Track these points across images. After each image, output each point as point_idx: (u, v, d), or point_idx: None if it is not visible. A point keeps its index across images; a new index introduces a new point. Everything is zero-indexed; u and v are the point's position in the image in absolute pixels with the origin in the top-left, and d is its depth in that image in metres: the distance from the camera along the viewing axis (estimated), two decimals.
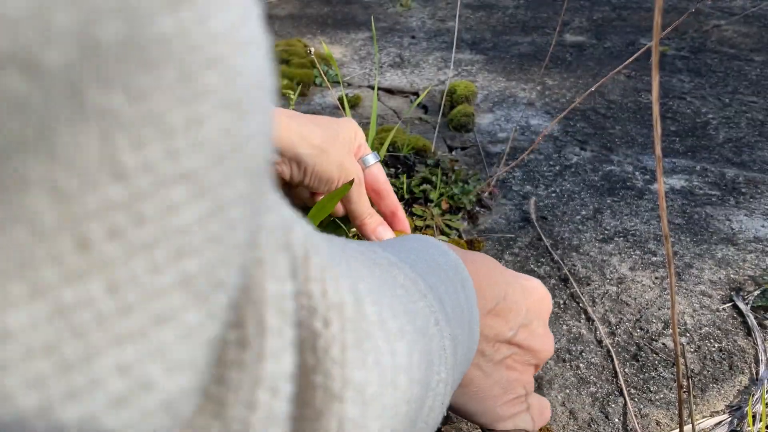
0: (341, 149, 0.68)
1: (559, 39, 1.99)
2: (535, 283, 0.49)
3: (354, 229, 0.85)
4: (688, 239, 0.98)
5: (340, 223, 0.84)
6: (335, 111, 1.49)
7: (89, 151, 0.11)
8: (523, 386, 0.47)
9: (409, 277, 0.31)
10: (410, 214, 1.00)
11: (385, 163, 1.16)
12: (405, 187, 1.04)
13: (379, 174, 0.78)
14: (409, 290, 0.30)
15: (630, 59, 0.90)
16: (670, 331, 0.79)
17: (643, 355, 0.75)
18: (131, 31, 0.11)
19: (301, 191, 0.75)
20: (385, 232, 0.76)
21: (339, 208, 0.76)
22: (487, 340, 0.42)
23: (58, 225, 0.11)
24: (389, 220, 0.83)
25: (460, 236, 0.99)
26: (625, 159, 1.24)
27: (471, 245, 0.95)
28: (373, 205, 0.82)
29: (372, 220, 0.76)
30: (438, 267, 0.36)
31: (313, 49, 1.06)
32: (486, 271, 0.43)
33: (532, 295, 0.47)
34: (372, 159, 0.77)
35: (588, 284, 0.88)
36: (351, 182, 0.82)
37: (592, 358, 0.75)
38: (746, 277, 0.88)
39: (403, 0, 2.48)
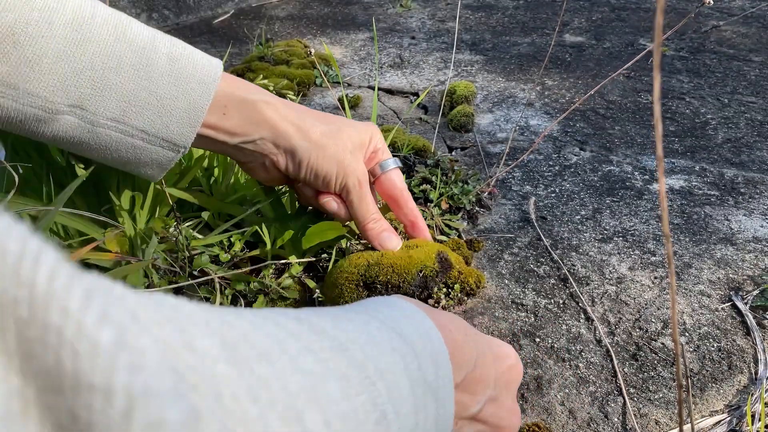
0: (342, 147, 0.66)
1: (558, 39, 1.99)
2: (507, 349, 0.45)
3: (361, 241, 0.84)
4: (687, 239, 0.98)
5: (349, 234, 0.82)
6: (335, 111, 1.50)
7: None
8: None
9: (354, 363, 0.27)
10: None
11: None
12: None
13: (397, 180, 0.75)
14: (351, 380, 0.26)
15: (631, 62, 0.91)
16: (670, 330, 0.80)
17: (643, 354, 0.75)
18: None
19: (304, 189, 0.74)
20: (390, 240, 0.73)
21: (343, 213, 0.73)
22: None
23: None
24: (408, 229, 0.80)
25: (459, 236, 0.99)
26: (625, 159, 1.24)
27: (471, 245, 0.95)
28: (389, 212, 0.80)
29: (375, 226, 0.73)
30: (401, 342, 0.31)
31: (313, 50, 1.06)
32: (458, 337, 0.39)
33: (503, 364, 0.43)
34: (391, 164, 0.74)
35: (587, 284, 0.88)
36: (349, 231, 0.80)
37: (592, 357, 0.75)
38: (745, 277, 0.89)
39: (403, 1, 2.48)
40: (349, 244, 0.85)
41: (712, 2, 0.74)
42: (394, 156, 0.77)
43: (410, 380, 0.30)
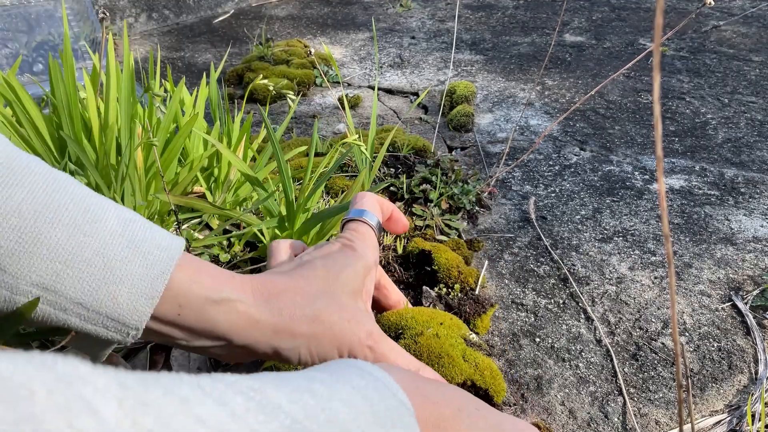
0: (339, 317, 0.50)
1: (558, 39, 1.99)
2: (526, 428, 0.40)
3: None
4: (688, 239, 0.98)
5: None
6: (335, 111, 1.50)
7: None
8: None
9: None
10: (410, 214, 1.01)
11: (384, 163, 1.17)
12: (405, 187, 1.04)
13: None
14: None
15: (631, 62, 0.91)
16: (670, 330, 0.80)
17: (643, 354, 0.75)
18: None
19: None
20: None
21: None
22: None
23: None
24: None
25: (459, 236, 0.99)
26: (625, 159, 1.24)
27: (471, 245, 0.95)
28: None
29: None
30: (368, 417, 0.29)
31: (313, 50, 1.06)
32: (445, 411, 0.36)
33: None
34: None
35: (587, 284, 0.88)
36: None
37: (592, 357, 0.75)
38: (745, 277, 0.89)
39: (403, 1, 2.48)
40: None
41: (713, 2, 0.74)
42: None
43: None
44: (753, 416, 0.66)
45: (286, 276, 0.50)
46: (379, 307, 0.68)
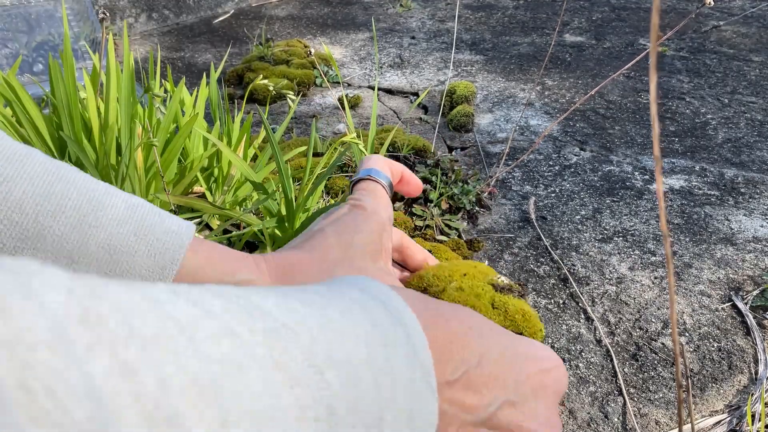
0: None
1: (558, 39, 1.99)
2: (542, 351, 0.38)
3: None
4: (688, 239, 0.98)
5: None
6: (335, 111, 1.50)
7: None
8: None
9: (296, 349, 0.24)
10: (410, 214, 1.01)
11: None
12: None
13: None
14: (286, 370, 0.22)
15: (632, 62, 0.91)
16: (670, 330, 0.80)
17: (643, 354, 0.75)
18: None
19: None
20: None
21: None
22: (448, 421, 0.33)
23: None
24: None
25: (459, 236, 0.99)
26: (625, 159, 1.24)
27: (471, 245, 0.95)
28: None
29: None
30: (367, 326, 0.27)
31: (313, 50, 1.06)
32: (456, 328, 0.34)
33: (532, 366, 0.36)
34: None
35: (587, 284, 0.88)
36: None
37: (592, 357, 0.75)
38: (745, 277, 0.89)
39: (403, 1, 2.48)
40: None
41: (712, 2, 0.74)
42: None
43: (373, 370, 0.26)
44: (753, 416, 0.65)
45: (298, 249, 0.49)
46: (408, 269, 0.64)
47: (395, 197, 1.05)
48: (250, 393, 0.20)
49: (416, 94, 1.62)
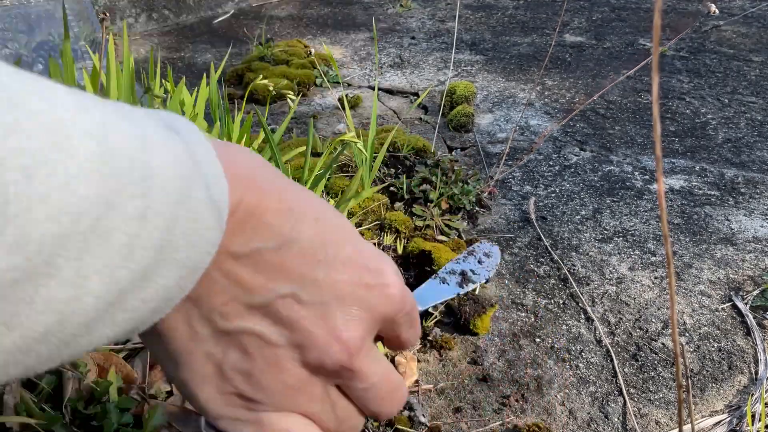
0: None
1: (558, 39, 1.99)
2: (377, 264, 0.31)
3: None
4: (688, 239, 0.98)
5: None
6: (335, 111, 1.50)
7: None
8: (258, 387, 0.30)
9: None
10: (410, 214, 1.01)
11: (385, 163, 1.17)
12: (405, 187, 1.04)
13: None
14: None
15: (638, 67, 0.91)
16: (670, 330, 0.80)
17: (643, 354, 0.75)
18: None
19: None
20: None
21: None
22: (217, 291, 0.28)
23: None
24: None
25: (459, 236, 0.99)
26: (625, 159, 1.24)
27: (471, 245, 0.95)
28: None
29: None
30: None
31: (313, 50, 1.06)
32: (270, 204, 0.29)
33: (353, 273, 0.31)
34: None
35: (587, 284, 0.88)
36: None
37: (592, 357, 0.75)
38: (745, 277, 0.89)
39: (403, 1, 2.48)
40: None
41: (717, 11, 0.74)
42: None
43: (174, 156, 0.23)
44: (753, 416, 0.65)
45: None
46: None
47: (395, 197, 1.05)
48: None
49: (416, 94, 1.62)
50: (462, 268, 0.54)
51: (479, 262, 0.56)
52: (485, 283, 0.58)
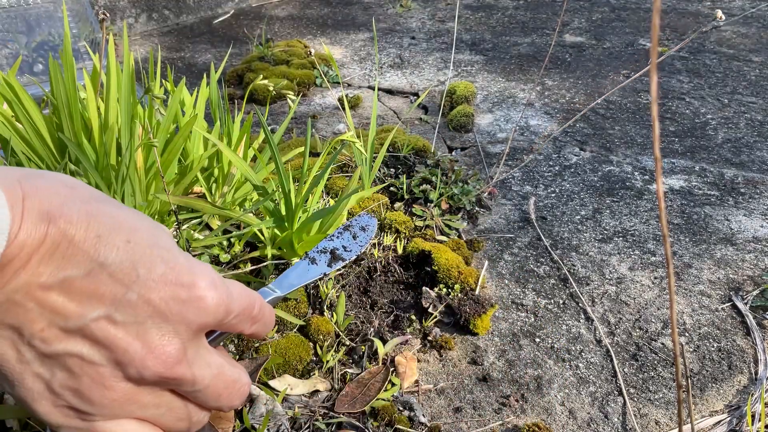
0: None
1: (558, 40, 1.99)
2: (189, 278, 0.34)
3: None
4: (687, 239, 0.98)
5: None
6: (335, 111, 1.50)
7: None
8: (87, 402, 0.33)
9: None
10: (410, 214, 1.01)
11: (385, 163, 1.17)
12: (405, 187, 1.04)
13: None
14: None
15: (641, 72, 0.91)
16: (669, 330, 0.80)
17: (643, 354, 0.75)
18: None
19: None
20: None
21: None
22: (33, 318, 0.31)
23: None
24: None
25: (459, 236, 0.99)
26: (625, 159, 1.24)
27: (471, 245, 0.95)
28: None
29: None
30: None
31: (313, 50, 1.06)
32: (76, 234, 0.31)
33: (165, 291, 0.33)
34: None
35: (587, 284, 0.88)
36: None
37: (592, 357, 0.75)
38: (745, 277, 0.89)
39: (403, 1, 2.48)
40: None
41: (724, 17, 0.74)
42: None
43: None
44: (753, 416, 0.66)
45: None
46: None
47: (395, 197, 1.05)
48: None
49: (416, 95, 1.62)
50: (333, 246, 0.55)
51: (354, 237, 0.57)
52: (356, 258, 0.55)
